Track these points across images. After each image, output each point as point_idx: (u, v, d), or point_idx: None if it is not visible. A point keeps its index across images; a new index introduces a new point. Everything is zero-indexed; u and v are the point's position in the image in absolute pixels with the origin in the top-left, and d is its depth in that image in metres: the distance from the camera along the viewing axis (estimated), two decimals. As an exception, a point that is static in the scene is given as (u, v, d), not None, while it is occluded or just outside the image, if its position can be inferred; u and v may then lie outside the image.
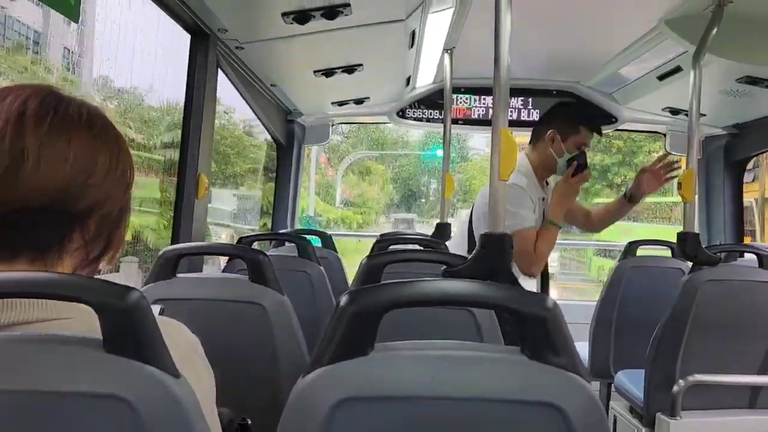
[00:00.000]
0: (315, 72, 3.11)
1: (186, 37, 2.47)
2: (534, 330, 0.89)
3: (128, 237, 0.96)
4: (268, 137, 4.12)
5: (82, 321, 0.79)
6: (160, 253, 1.74)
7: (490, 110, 3.97)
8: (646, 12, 2.59)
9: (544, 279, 3.00)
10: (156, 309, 0.79)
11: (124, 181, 0.90)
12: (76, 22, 1.54)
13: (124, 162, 0.90)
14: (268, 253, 1.89)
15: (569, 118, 2.80)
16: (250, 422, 1.21)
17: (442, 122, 3.23)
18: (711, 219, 4.07)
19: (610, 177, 23.06)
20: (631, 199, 2.97)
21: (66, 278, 0.75)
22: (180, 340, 0.83)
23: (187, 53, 2.50)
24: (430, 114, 4.10)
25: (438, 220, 3.17)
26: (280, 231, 3.88)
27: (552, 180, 2.93)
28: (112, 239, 0.90)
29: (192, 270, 2.30)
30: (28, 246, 0.81)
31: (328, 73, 3.11)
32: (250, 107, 3.41)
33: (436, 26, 2.78)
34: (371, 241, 2.65)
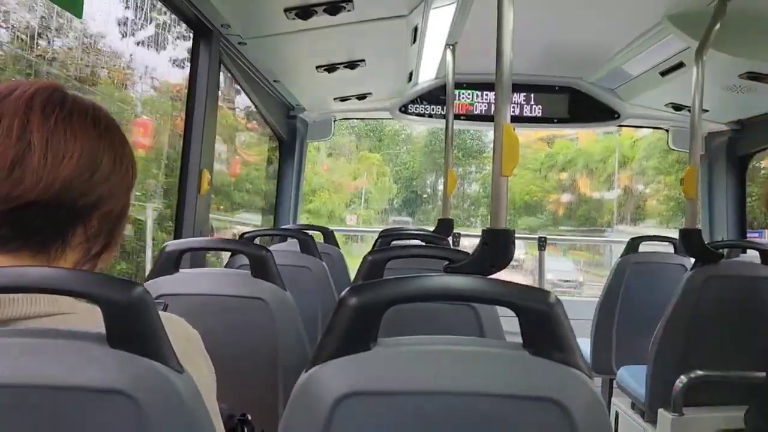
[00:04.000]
0: (317, 68, 3.10)
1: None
2: (536, 326, 0.89)
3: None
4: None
5: (84, 315, 0.80)
6: (163, 248, 1.75)
7: (492, 106, 3.98)
8: (649, 7, 2.59)
9: None
10: (160, 307, 0.79)
11: (127, 180, 0.91)
12: (80, 18, 1.53)
13: (128, 161, 0.91)
14: (270, 249, 1.89)
15: None
16: (249, 417, 1.22)
17: (444, 118, 3.23)
18: (713, 215, 4.06)
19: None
20: None
21: (71, 274, 0.75)
22: (180, 335, 0.83)
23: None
24: (433, 109, 4.09)
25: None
26: (282, 226, 3.89)
27: None
28: (113, 236, 0.91)
29: (194, 265, 2.31)
30: (31, 240, 0.82)
31: (331, 68, 3.11)
32: (253, 103, 3.42)
33: (439, 22, 2.78)
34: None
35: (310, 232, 2.78)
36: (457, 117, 3.83)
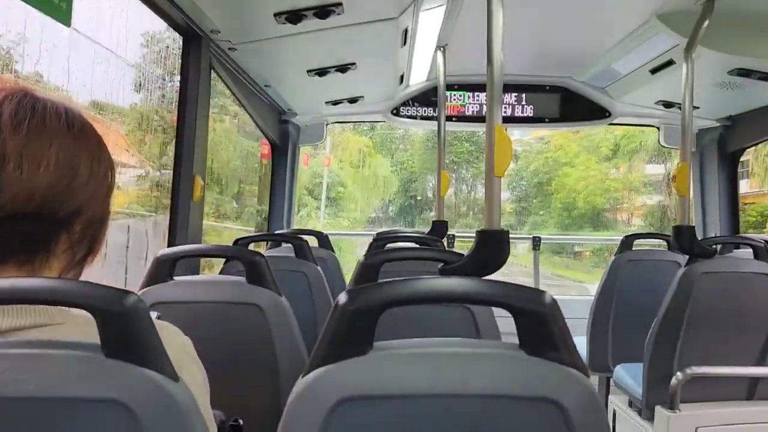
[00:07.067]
0: (308, 72, 3.10)
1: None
2: (532, 326, 0.89)
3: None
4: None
5: (75, 325, 0.79)
6: (157, 255, 1.74)
7: (484, 106, 3.99)
8: (638, 6, 2.60)
9: None
10: (152, 315, 0.79)
11: (106, 183, 0.89)
12: (68, 26, 1.52)
13: (106, 163, 0.89)
14: (264, 254, 1.89)
15: None
16: (242, 422, 1.21)
17: (437, 120, 3.24)
18: (706, 211, 4.08)
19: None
20: None
21: (64, 284, 0.75)
22: (172, 342, 0.82)
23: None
24: (425, 111, 4.10)
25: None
26: (277, 231, 3.88)
27: None
28: (96, 240, 0.90)
29: (189, 272, 2.30)
30: (16, 251, 0.81)
31: (322, 72, 3.11)
32: (244, 108, 3.41)
33: (429, 24, 2.78)
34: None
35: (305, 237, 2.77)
36: (449, 118, 3.83)
